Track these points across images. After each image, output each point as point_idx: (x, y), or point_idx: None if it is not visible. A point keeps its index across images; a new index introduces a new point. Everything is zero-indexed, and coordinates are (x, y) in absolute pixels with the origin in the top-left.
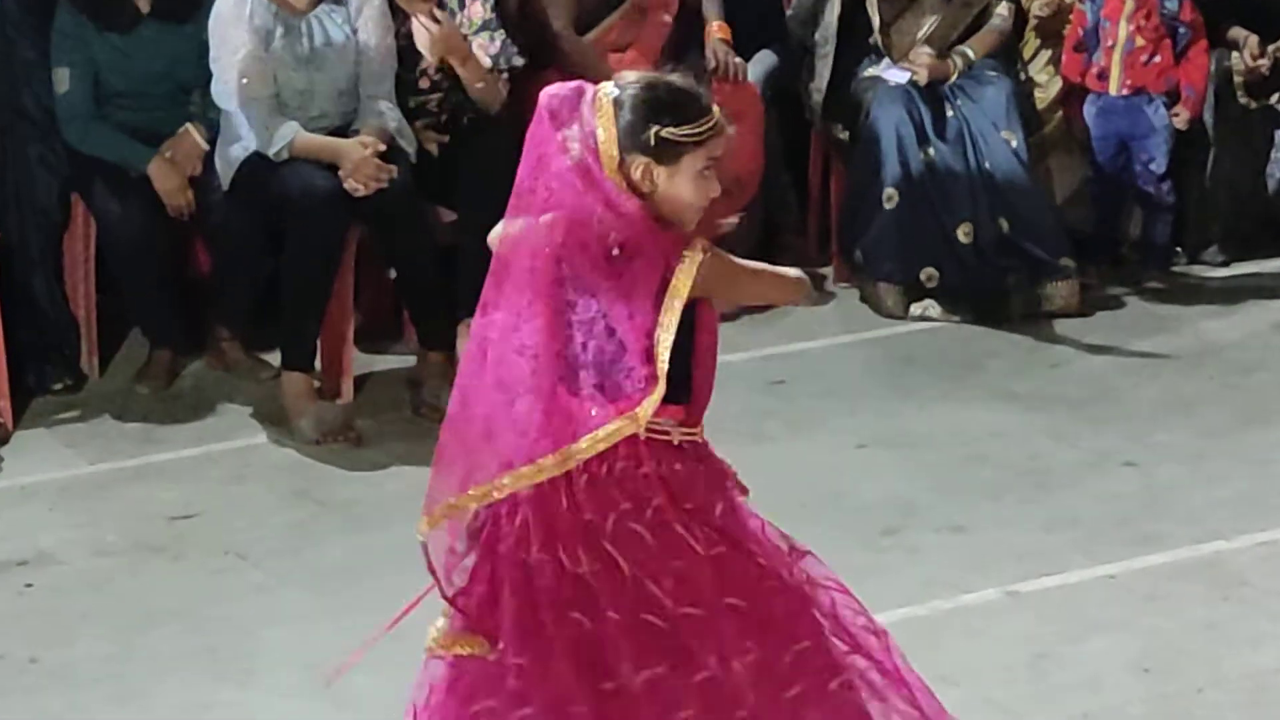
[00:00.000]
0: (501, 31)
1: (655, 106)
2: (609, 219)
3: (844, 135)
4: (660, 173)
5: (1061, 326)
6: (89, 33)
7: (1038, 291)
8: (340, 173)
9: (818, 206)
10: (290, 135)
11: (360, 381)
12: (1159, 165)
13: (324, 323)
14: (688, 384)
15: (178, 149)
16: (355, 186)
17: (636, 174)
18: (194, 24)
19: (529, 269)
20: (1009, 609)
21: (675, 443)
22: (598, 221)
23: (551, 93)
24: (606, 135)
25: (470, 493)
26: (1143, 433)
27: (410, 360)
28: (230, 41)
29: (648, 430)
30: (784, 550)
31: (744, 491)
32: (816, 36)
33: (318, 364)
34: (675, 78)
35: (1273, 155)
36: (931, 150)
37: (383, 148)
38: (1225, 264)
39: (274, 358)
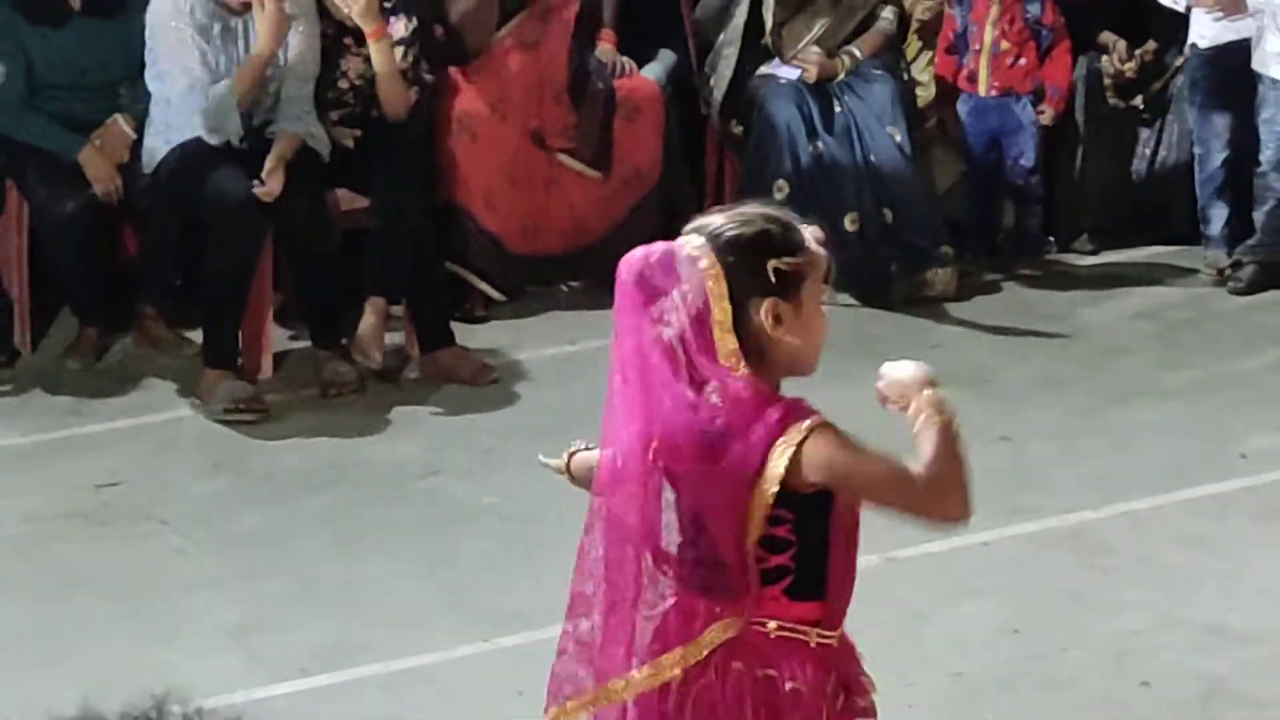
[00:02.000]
0: (416, 48)
1: (765, 239)
2: (712, 403)
3: (738, 129)
4: (786, 310)
5: (941, 310)
6: (22, 26)
7: (919, 277)
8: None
9: (713, 196)
10: (223, 93)
11: (280, 358)
12: (1028, 160)
13: (244, 305)
14: (822, 577)
15: (107, 138)
16: (264, 193)
17: (766, 318)
18: (123, 19)
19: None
20: (888, 574)
21: (811, 644)
22: (693, 408)
23: (640, 257)
24: (718, 288)
25: (598, 693)
26: (1015, 410)
27: None
28: (172, 35)
29: (779, 630)
30: None
31: (872, 714)
32: (721, 36)
33: (241, 344)
34: (762, 207)
35: (1138, 151)
36: (820, 144)
37: (283, 162)
38: (1094, 253)
39: (197, 335)
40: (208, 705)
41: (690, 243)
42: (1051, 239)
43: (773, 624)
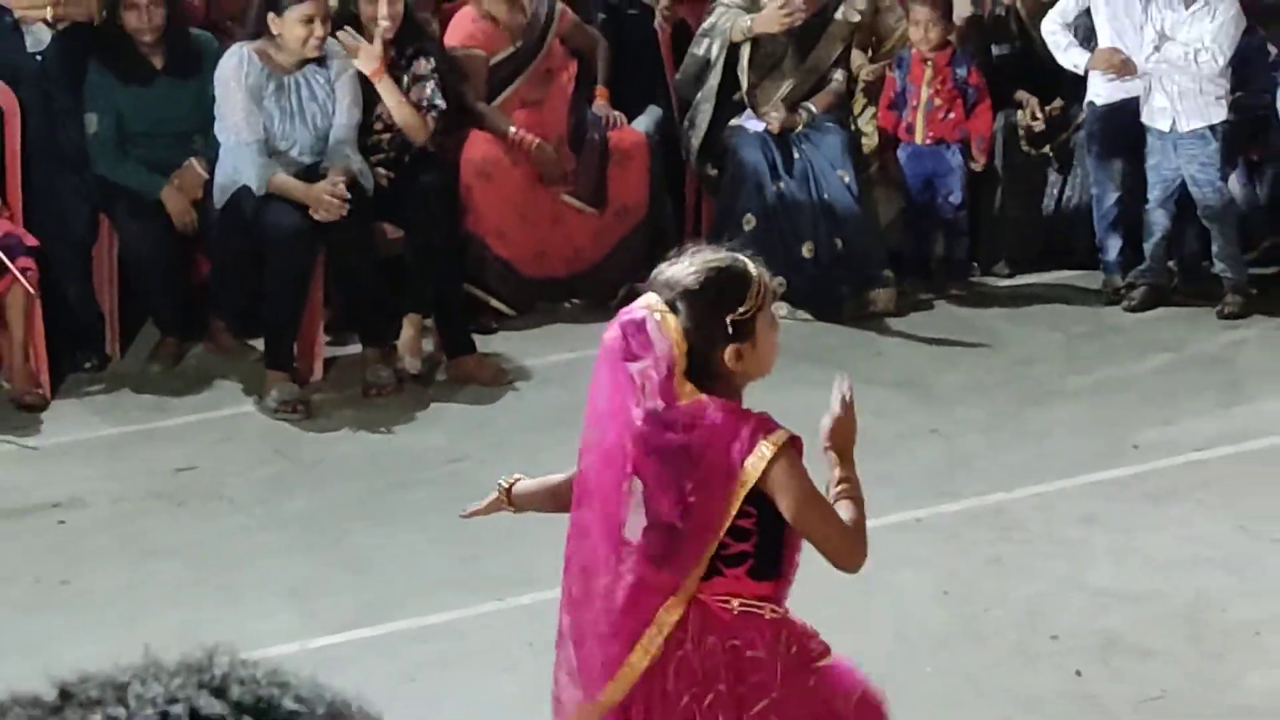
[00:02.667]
0: (433, 83)
1: (720, 296)
2: (689, 439)
3: (713, 172)
4: (745, 349)
5: (883, 324)
6: (114, 85)
7: (865, 297)
8: (311, 210)
9: (692, 228)
10: (270, 174)
11: (329, 363)
12: (956, 198)
13: (300, 318)
14: (778, 562)
15: (184, 179)
16: (323, 215)
17: (730, 361)
18: (197, 79)
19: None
20: None
21: (766, 616)
22: (676, 451)
23: (618, 331)
24: (680, 348)
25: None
26: (945, 408)
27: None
28: (229, 96)
29: (742, 606)
30: None
31: (826, 651)
32: (699, 95)
33: (295, 351)
34: (710, 259)
35: (1047, 192)
36: (781, 184)
37: (346, 181)
38: (1011, 276)
39: (259, 343)
40: (257, 655)
41: (654, 308)
42: (975, 264)
43: (736, 601)
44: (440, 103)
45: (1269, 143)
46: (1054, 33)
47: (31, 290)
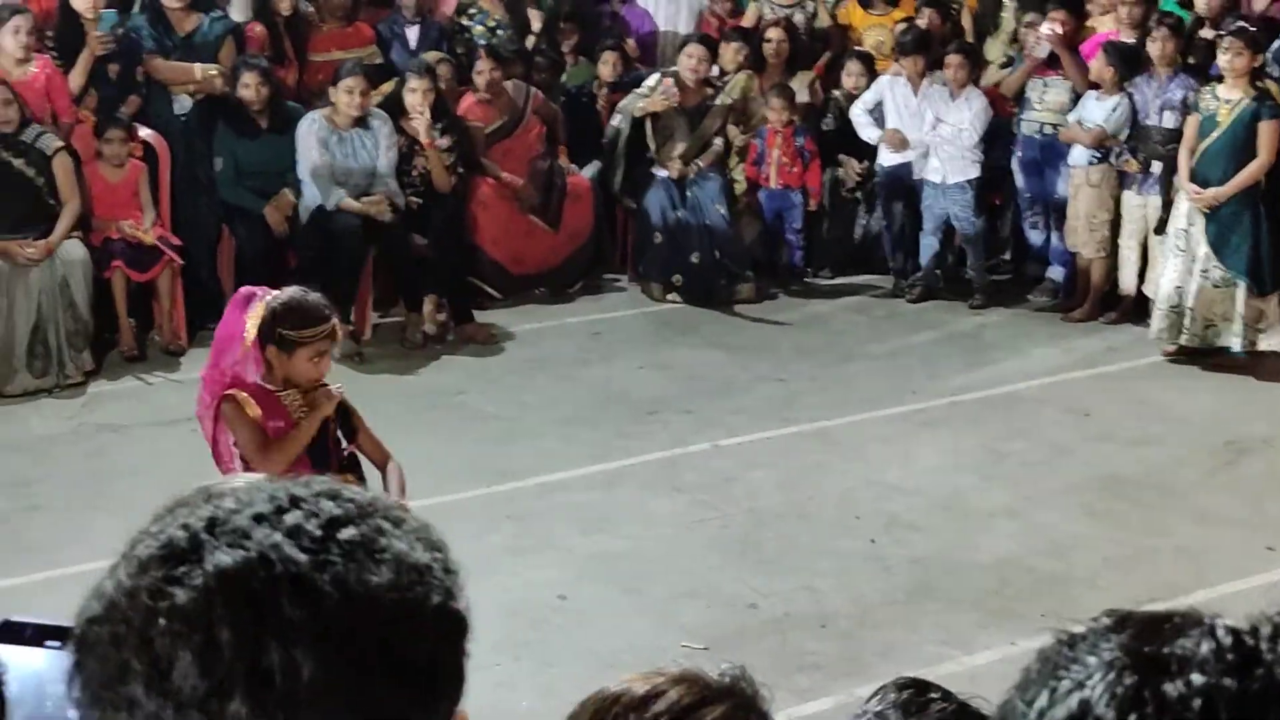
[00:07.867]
0: (455, 152)
1: (283, 315)
2: (241, 371)
3: (633, 205)
4: (280, 357)
5: (744, 309)
6: (233, 137)
7: (733, 289)
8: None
9: (621, 243)
10: (340, 197)
11: (376, 326)
12: (796, 224)
13: (356, 295)
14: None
15: (279, 201)
16: (378, 214)
17: (270, 355)
18: (290, 134)
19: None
20: (715, 455)
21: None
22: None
23: (244, 292)
24: (251, 328)
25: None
26: (788, 363)
27: (401, 316)
28: (306, 148)
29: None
30: None
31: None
32: (615, 155)
33: (353, 318)
34: (308, 297)
35: (858, 222)
36: (679, 213)
37: (387, 204)
38: (831, 278)
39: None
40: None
41: (265, 297)
42: (809, 269)
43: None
44: (459, 170)
45: (1004, 192)
46: (858, 116)
47: (177, 267)
